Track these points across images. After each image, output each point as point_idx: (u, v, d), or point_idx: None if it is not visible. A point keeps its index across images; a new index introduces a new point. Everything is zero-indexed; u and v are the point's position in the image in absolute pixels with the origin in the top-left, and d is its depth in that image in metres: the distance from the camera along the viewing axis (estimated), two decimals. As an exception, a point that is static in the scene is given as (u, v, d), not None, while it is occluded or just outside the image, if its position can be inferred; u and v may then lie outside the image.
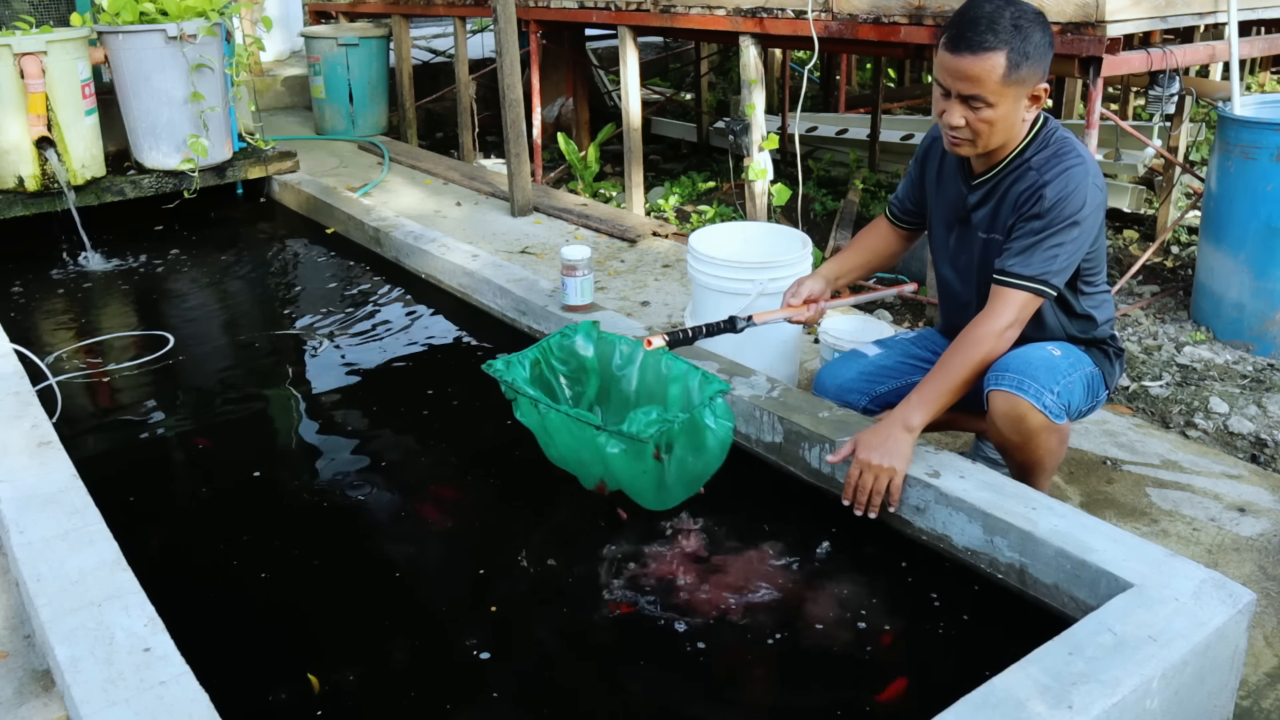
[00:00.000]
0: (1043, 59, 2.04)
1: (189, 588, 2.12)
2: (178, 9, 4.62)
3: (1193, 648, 1.59)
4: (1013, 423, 2.09)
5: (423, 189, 5.65)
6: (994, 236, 2.18)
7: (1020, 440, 2.12)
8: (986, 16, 2.00)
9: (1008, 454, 2.19)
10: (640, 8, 4.89)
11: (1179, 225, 4.78)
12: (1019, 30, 1.99)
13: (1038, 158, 2.11)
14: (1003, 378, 2.08)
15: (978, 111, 2.05)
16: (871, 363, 2.49)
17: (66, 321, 3.82)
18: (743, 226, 3.31)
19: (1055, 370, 2.11)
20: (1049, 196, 2.05)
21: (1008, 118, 2.06)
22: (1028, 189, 2.09)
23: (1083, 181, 2.06)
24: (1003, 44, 1.98)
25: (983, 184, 2.19)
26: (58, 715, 1.68)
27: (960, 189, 2.25)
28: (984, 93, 2.02)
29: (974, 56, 2.00)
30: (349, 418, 2.87)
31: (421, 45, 8.36)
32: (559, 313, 3.14)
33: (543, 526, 2.31)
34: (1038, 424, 2.08)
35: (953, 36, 2.03)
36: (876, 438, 2.11)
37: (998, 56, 1.99)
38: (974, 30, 2.00)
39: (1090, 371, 2.23)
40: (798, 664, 1.86)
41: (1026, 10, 2.03)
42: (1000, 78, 2.00)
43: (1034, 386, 2.06)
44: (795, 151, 4.55)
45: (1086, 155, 2.10)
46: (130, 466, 2.67)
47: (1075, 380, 2.16)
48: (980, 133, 2.08)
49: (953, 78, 2.04)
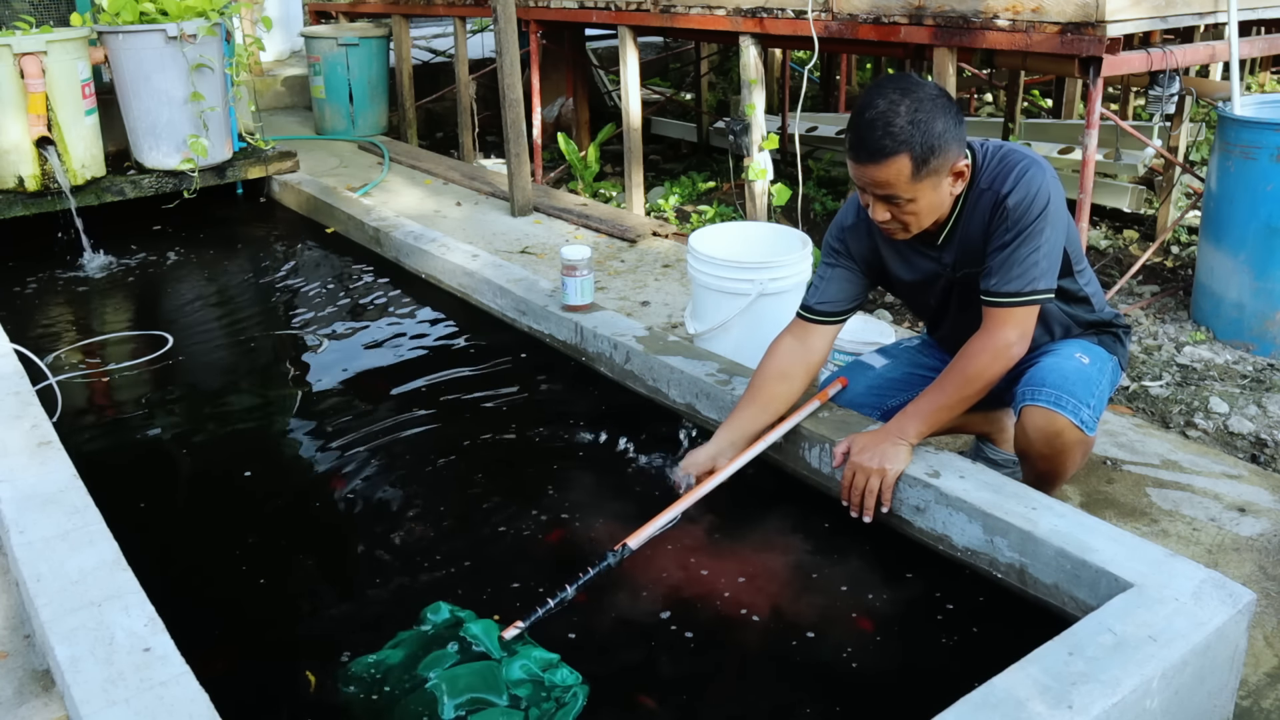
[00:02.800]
0: (951, 142, 1.96)
1: (189, 588, 2.12)
2: (178, 9, 4.62)
3: (1193, 648, 1.59)
4: (1048, 438, 2.07)
5: (423, 189, 5.65)
6: (973, 270, 2.12)
7: (1051, 453, 2.10)
8: (881, 119, 1.92)
9: (1031, 463, 2.16)
10: (640, 8, 4.89)
11: (1179, 225, 4.78)
12: (917, 126, 1.91)
13: (985, 177, 2.06)
14: (1039, 393, 2.06)
15: (900, 207, 2.00)
16: (879, 375, 2.44)
17: (66, 321, 3.82)
18: (743, 226, 3.31)
19: (1089, 382, 2.09)
20: (1011, 206, 2.00)
21: (931, 204, 2.01)
22: (989, 208, 2.04)
23: (1039, 180, 2.01)
24: (903, 146, 1.91)
25: (949, 239, 2.14)
26: (58, 715, 1.68)
27: (928, 255, 2.18)
28: (897, 193, 1.97)
29: (876, 165, 1.94)
30: (349, 418, 2.87)
31: (421, 45, 8.35)
32: (559, 313, 3.14)
33: (543, 526, 2.30)
34: (1074, 439, 2.06)
35: (853, 143, 1.97)
36: (871, 440, 2.11)
37: (900, 160, 1.92)
38: (871, 136, 1.93)
39: (1112, 368, 2.23)
40: (797, 663, 1.86)
41: (923, 98, 1.94)
42: (909, 178, 1.95)
43: (1071, 402, 2.04)
44: (795, 151, 4.54)
45: (1030, 153, 2.06)
46: (130, 466, 2.67)
47: (1104, 386, 2.15)
48: (908, 223, 2.03)
49: (863, 182, 2.00)
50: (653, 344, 2.84)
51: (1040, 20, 3.32)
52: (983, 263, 2.08)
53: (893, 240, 2.18)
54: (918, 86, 1.96)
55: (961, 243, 2.12)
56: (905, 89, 1.94)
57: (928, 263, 2.20)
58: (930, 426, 2.09)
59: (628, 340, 2.88)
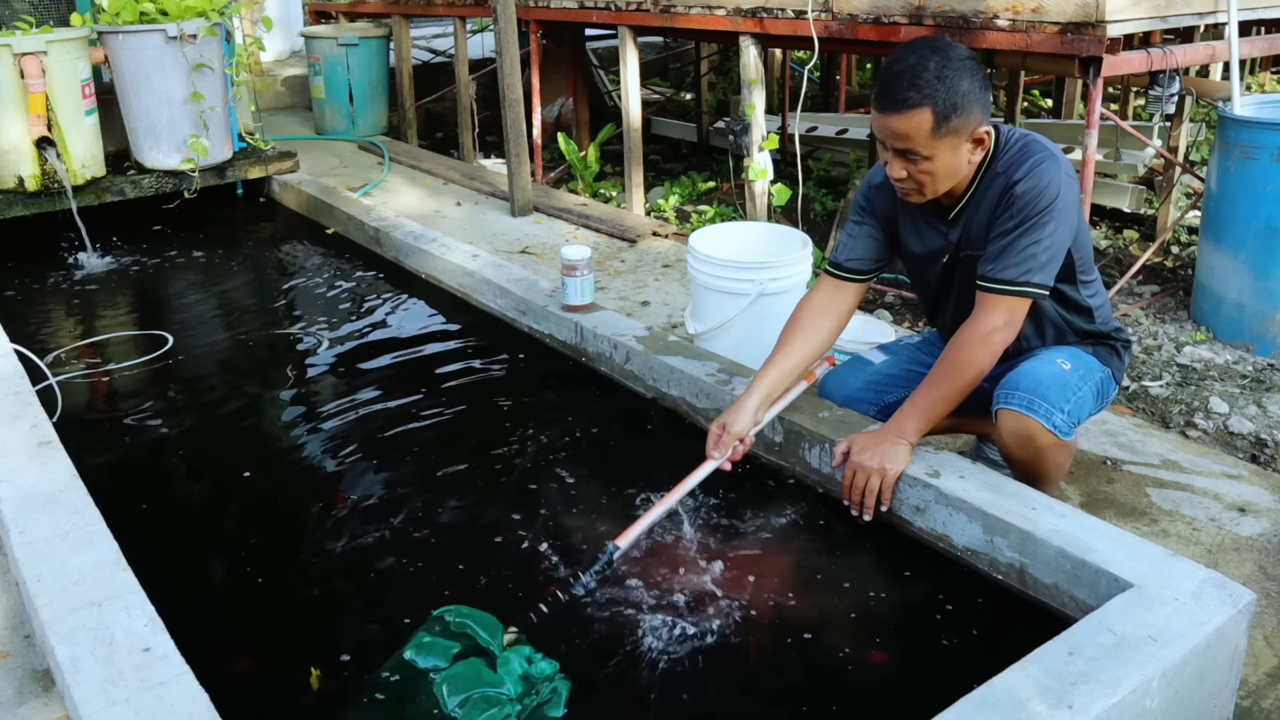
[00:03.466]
0: (975, 104, 1.98)
1: (189, 588, 2.12)
2: (178, 9, 4.62)
3: (1193, 648, 1.59)
4: (1021, 441, 2.08)
5: (423, 189, 5.65)
6: (977, 253, 2.13)
7: (1028, 457, 2.11)
8: (909, 70, 1.95)
9: (1014, 466, 2.18)
10: (640, 8, 4.89)
11: (1179, 225, 4.78)
12: (943, 81, 1.94)
13: (1002, 162, 2.07)
14: (1012, 396, 2.06)
15: (916, 164, 2.02)
16: (878, 371, 2.45)
17: (66, 321, 3.82)
18: (743, 226, 3.31)
19: (1066, 387, 2.09)
20: (1019, 194, 2.02)
21: (948, 166, 2.02)
22: (999, 193, 2.06)
23: (1053, 174, 2.02)
24: (926, 99, 1.94)
25: (959, 215, 2.15)
26: (58, 715, 1.68)
27: (937, 229, 2.20)
28: (915, 147, 1.99)
29: (899, 115, 1.97)
30: (348, 418, 2.87)
31: (421, 45, 8.36)
32: (559, 313, 3.14)
33: (543, 526, 2.30)
34: (1047, 443, 2.07)
35: (878, 93, 2.00)
36: (871, 440, 2.11)
37: (923, 113, 1.95)
38: (897, 86, 1.96)
39: (1100, 377, 2.21)
40: (796, 663, 1.86)
41: (953, 57, 1.97)
42: (929, 132, 1.96)
43: (1044, 406, 2.04)
44: (795, 151, 4.54)
45: (1053, 148, 2.07)
46: (130, 466, 2.67)
47: (1086, 393, 2.15)
48: (923, 183, 2.05)
49: (884, 134, 2.02)
50: (653, 344, 2.84)
51: (1040, 20, 3.32)
52: (984, 246, 2.09)
53: (909, 208, 2.20)
54: (948, 47, 1.98)
55: (969, 222, 2.13)
56: (936, 47, 1.98)
57: (936, 237, 2.21)
58: (928, 422, 2.10)
59: (628, 340, 2.88)
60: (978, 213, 2.11)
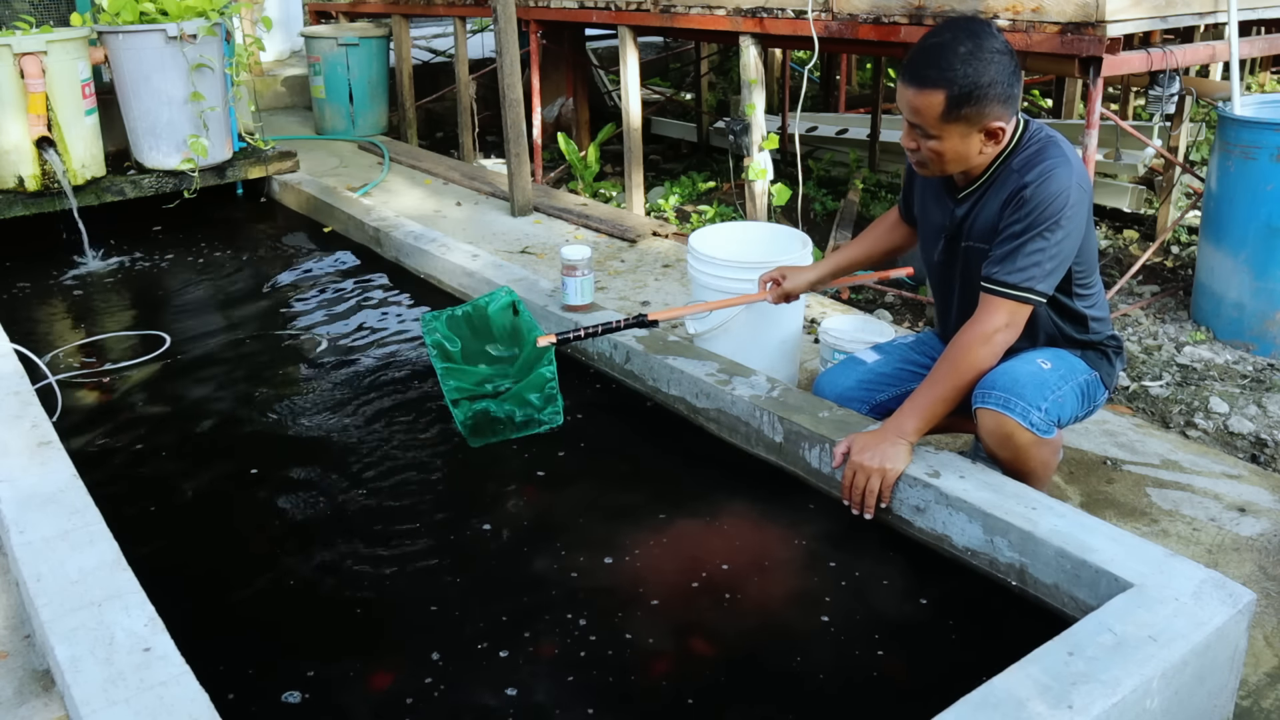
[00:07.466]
0: (994, 99, 1.96)
1: (189, 588, 2.12)
2: (178, 9, 4.62)
3: (1193, 648, 1.59)
4: (1000, 440, 2.08)
5: (423, 189, 5.65)
6: (981, 246, 2.14)
7: (1009, 456, 2.11)
8: (937, 48, 1.95)
9: (1000, 466, 2.18)
10: (640, 8, 4.89)
11: (1179, 225, 4.78)
12: (967, 67, 1.93)
13: (1019, 159, 2.07)
14: (989, 395, 2.06)
15: (925, 140, 2.03)
16: (870, 370, 2.46)
17: (66, 321, 3.82)
18: (743, 226, 3.31)
19: (1044, 386, 2.08)
20: (1029, 198, 2.01)
21: (956, 151, 2.03)
22: (1010, 192, 2.05)
23: (1066, 182, 2.01)
24: (943, 82, 1.94)
25: (968, 197, 2.16)
26: (58, 715, 1.68)
27: (946, 204, 2.22)
28: (924, 125, 2.00)
29: (914, 89, 1.98)
30: (348, 418, 2.87)
31: (421, 45, 8.36)
32: (559, 312, 3.14)
33: (544, 526, 2.31)
34: (1025, 441, 2.06)
35: (905, 61, 2.01)
36: (871, 440, 2.12)
37: (936, 94, 1.95)
38: (921, 61, 1.97)
39: (1085, 379, 2.20)
40: (796, 663, 1.86)
41: (986, 46, 1.94)
42: (938, 115, 1.97)
43: (1020, 405, 2.03)
44: (795, 151, 4.55)
45: (1070, 154, 2.06)
46: (130, 466, 2.67)
47: (1066, 392, 2.13)
48: (929, 160, 2.06)
49: (900, 102, 2.04)
50: (653, 344, 2.84)
51: (1040, 20, 3.32)
52: (989, 241, 2.10)
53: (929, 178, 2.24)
54: (986, 35, 1.97)
55: (976, 208, 2.14)
56: (974, 32, 1.97)
57: (943, 210, 2.23)
58: (927, 421, 2.10)
59: (628, 340, 2.88)
60: (988, 201, 2.12)
